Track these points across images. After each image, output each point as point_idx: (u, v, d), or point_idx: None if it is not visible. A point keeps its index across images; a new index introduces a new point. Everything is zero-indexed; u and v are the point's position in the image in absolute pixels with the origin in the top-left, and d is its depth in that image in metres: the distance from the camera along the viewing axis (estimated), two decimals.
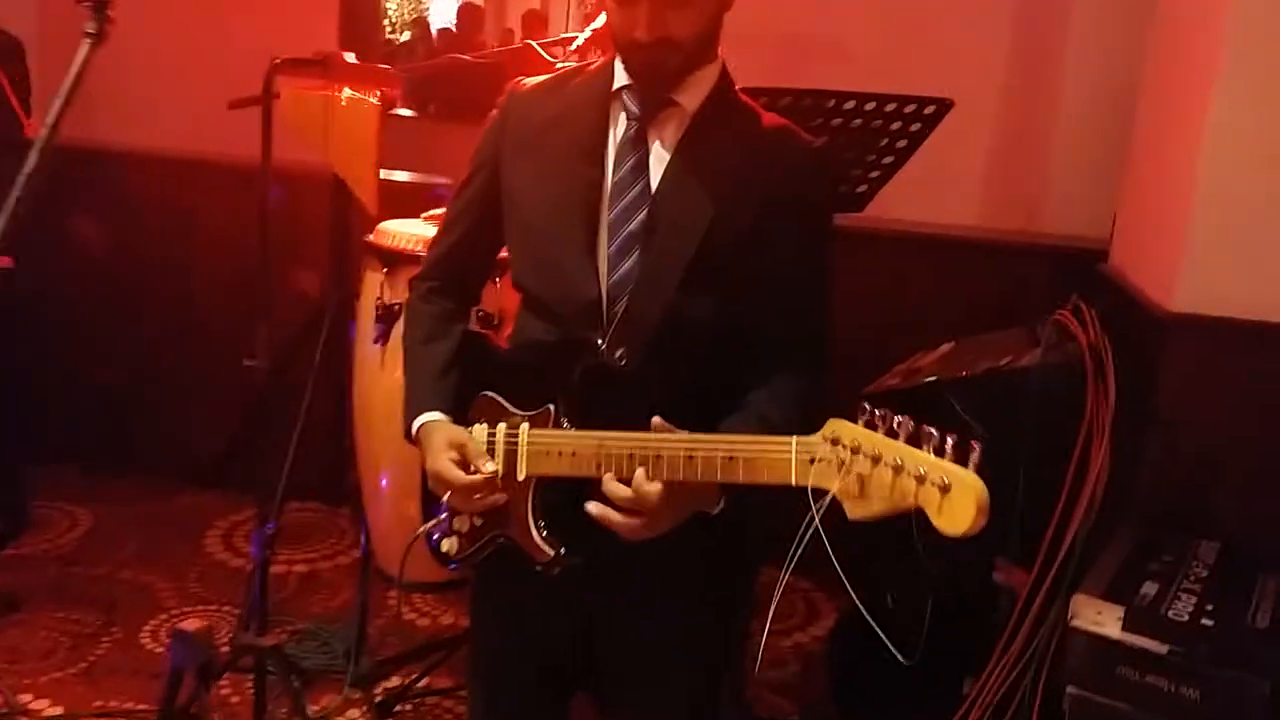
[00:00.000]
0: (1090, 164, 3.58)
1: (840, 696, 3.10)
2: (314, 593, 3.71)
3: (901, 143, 2.37)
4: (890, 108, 2.37)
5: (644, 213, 1.61)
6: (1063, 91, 3.67)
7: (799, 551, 1.34)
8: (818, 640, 3.52)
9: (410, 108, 4.24)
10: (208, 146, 4.06)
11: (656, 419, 1.49)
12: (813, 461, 1.34)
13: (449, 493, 1.65)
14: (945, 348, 2.73)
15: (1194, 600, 2.14)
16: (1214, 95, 2.39)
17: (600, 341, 1.60)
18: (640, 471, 1.47)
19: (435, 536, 1.76)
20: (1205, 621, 2.07)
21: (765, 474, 1.38)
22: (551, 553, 1.61)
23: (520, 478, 1.64)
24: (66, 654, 3.22)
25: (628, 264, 1.61)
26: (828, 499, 1.31)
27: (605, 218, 1.64)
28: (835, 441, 1.33)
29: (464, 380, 1.75)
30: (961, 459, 1.21)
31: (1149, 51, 3.04)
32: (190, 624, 2.33)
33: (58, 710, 2.93)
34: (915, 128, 2.36)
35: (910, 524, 1.31)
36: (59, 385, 4.34)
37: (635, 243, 1.61)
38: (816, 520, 1.30)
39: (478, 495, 1.63)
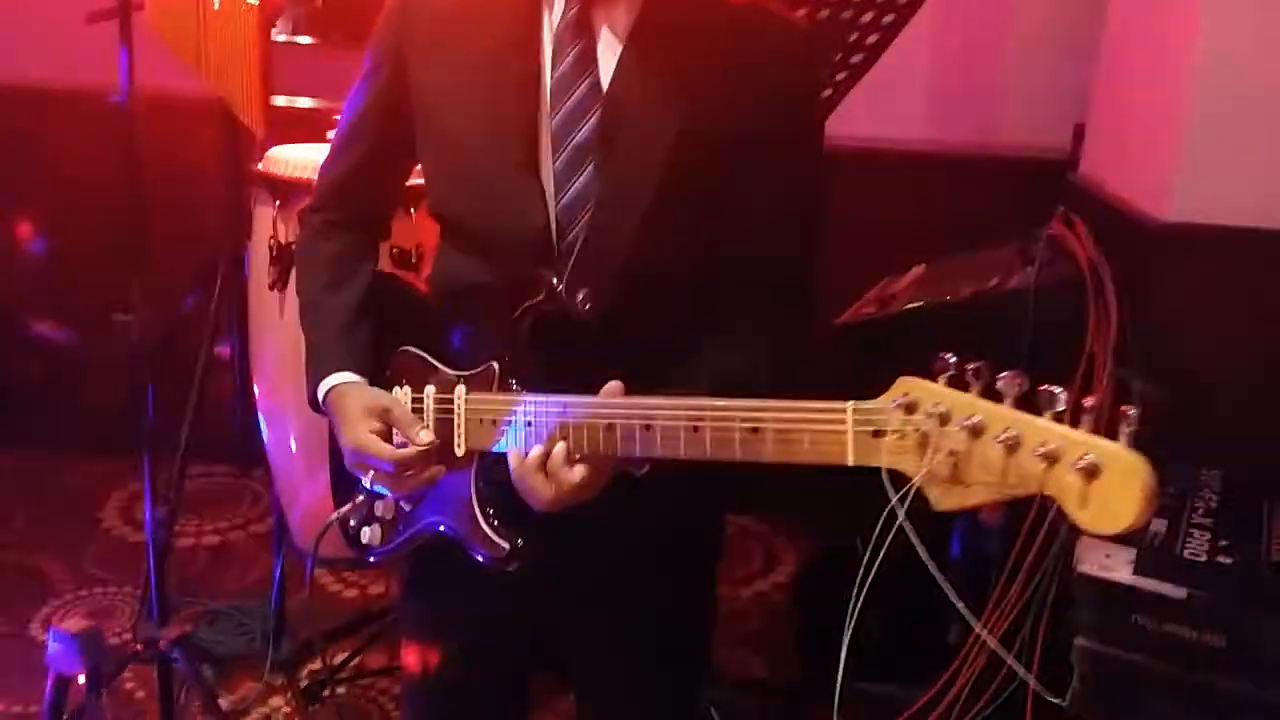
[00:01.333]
0: (1045, 64, 3.32)
1: (807, 648, 2.89)
2: (226, 568, 3.37)
3: (873, 38, 2.07)
4: None
5: (595, 116, 1.30)
6: None
7: (874, 563, 1.06)
8: (780, 588, 3.29)
9: (311, 35, 3.80)
10: (65, 74, 3.58)
11: (613, 384, 1.22)
12: (877, 435, 1.04)
13: (371, 472, 1.35)
14: (916, 271, 2.48)
15: (1207, 537, 1.99)
16: None
17: (556, 282, 1.29)
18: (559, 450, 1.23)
19: (353, 524, 1.46)
20: (1222, 560, 1.92)
21: (808, 450, 1.07)
22: (506, 546, 1.32)
23: (459, 453, 1.34)
24: None
25: (580, 181, 1.30)
26: (911, 489, 1.01)
27: (546, 124, 1.32)
28: (911, 409, 1.02)
29: (379, 333, 1.44)
30: (1108, 430, 0.90)
31: None
32: (73, 623, 2.00)
33: None
34: (889, 19, 2.06)
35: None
36: None
37: (588, 155, 1.30)
38: (901, 517, 1.00)
39: (409, 473, 1.33)
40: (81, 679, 2.01)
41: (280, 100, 2.94)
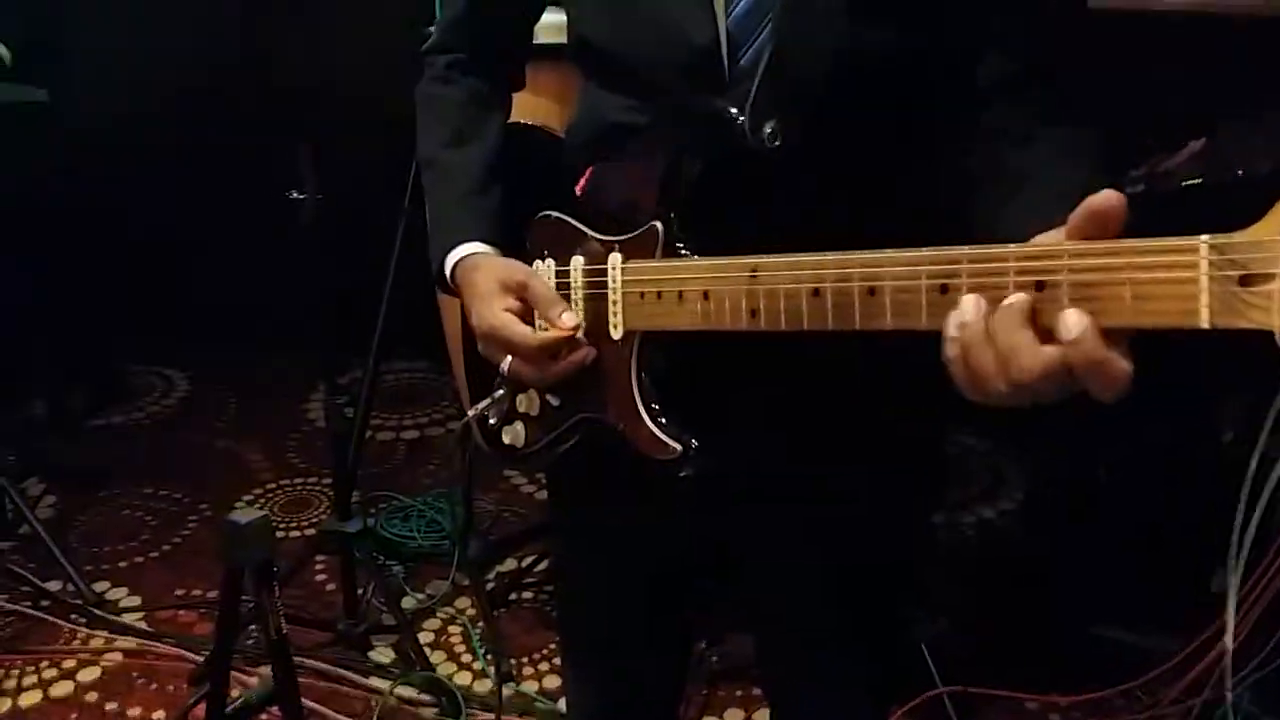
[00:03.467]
0: None
1: (1034, 584, 2.55)
2: (423, 463, 3.32)
3: None
4: None
5: None
6: None
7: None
8: (1006, 516, 2.94)
9: None
10: None
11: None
12: (1247, 281, 0.70)
13: (508, 358, 1.13)
14: (1195, 145, 2.05)
15: None
16: None
17: (735, 112, 1.02)
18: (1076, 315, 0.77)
19: (492, 422, 1.25)
20: None
21: (1129, 308, 0.74)
22: (676, 448, 1.07)
23: (616, 336, 1.11)
24: (152, 535, 2.92)
25: None
26: None
27: None
28: None
29: (514, 194, 1.21)
30: None
31: None
32: (243, 513, 1.90)
33: (135, 600, 2.63)
34: None
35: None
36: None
37: None
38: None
39: (552, 360, 1.11)
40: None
41: None
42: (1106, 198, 0.75)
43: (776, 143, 1.00)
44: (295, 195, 2.12)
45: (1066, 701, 2.24)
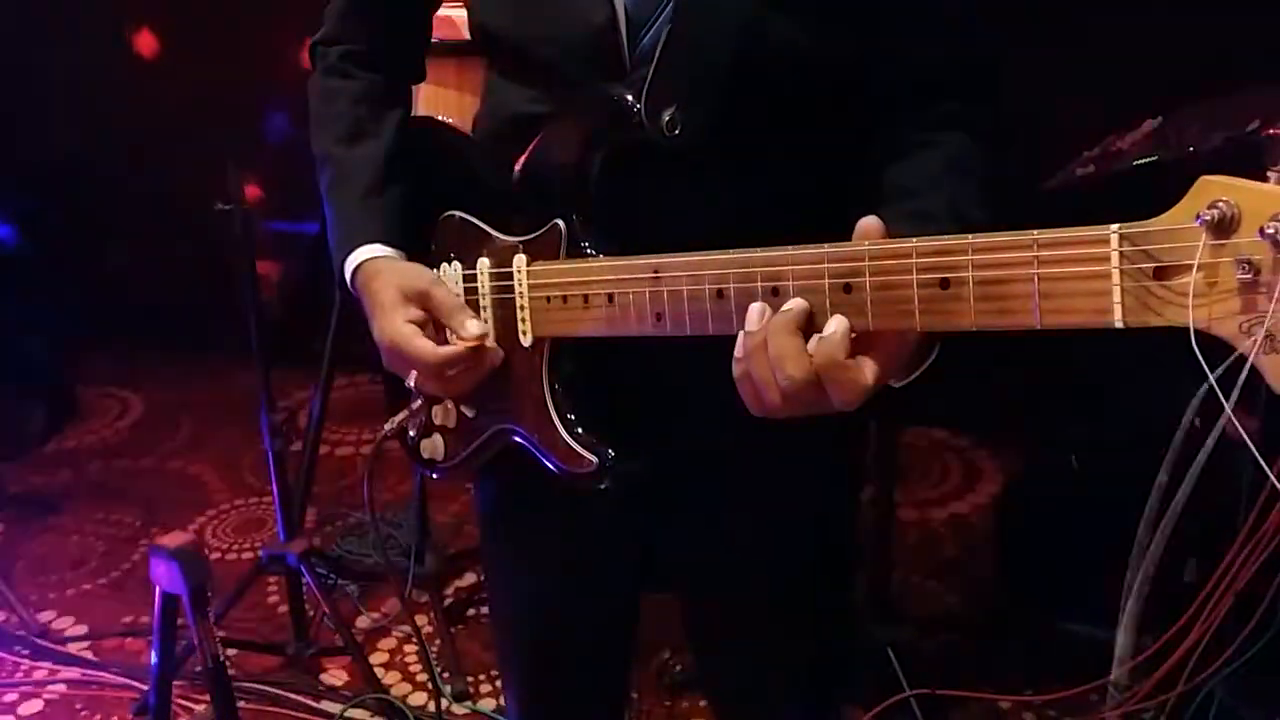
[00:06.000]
0: None
1: (1009, 579, 2.50)
2: (382, 478, 3.23)
3: None
4: None
5: None
6: None
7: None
8: (979, 511, 2.88)
9: None
10: None
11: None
12: (1161, 274, 0.65)
13: (413, 372, 1.06)
14: (1149, 125, 1.99)
15: None
16: None
17: (631, 99, 0.95)
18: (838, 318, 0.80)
19: (411, 434, 1.19)
20: None
21: (1031, 306, 0.70)
22: (593, 460, 1.01)
23: (526, 343, 1.04)
24: (100, 561, 2.84)
25: None
26: (1245, 368, 0.64)
27: None
28: (1224, 226, 0.63)
29: (415, 194, 1.14)
30: None
31: None
32: (173, 538, 1.83)
33: (81, 629, 2.55)
34: None
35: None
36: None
37: None
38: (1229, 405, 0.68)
39: (452, 372, 1.04)
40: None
41: None
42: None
43: (676, 131, 0.94)
44: (221, 207, 2.04)
45: (1040, 700, 2.18)
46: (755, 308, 0.82)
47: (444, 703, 2.25)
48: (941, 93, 0.96)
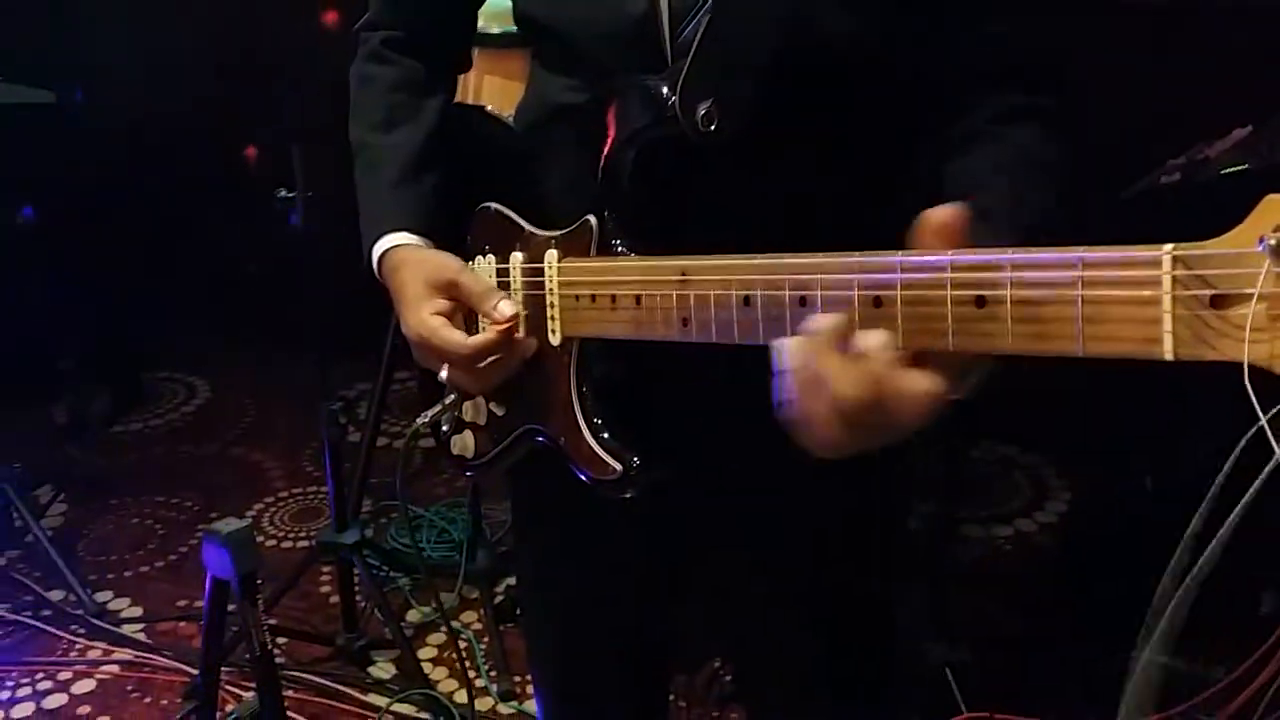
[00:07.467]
0: None
1: (1074, 602, 2.40)
2: (438, 473, 3.23)
3: None
4: None
5: None
6: None
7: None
8: (1047, 530, 2.78)
9: None
10: None
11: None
12: (1218, 302, 0.59)
13: (444, 365, 1.03)
14: (1240, 133, 1.90)
15: None
16: None
17: (666, 92, 0.91)
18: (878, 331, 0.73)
19: (445, 429, 1.16)
20: None
21: (1075, 334, 0.64)
22: (617, 468, 0.98)
23: (555, 342, 1.00)
24: (158, 545, 2.87)
25: None
26: None
27: None
28: None
29: (452, 184, 1.10)
30: None
31: None
32: (226, 523, 1.83)
33: (137, 611, 2.58)
34: None
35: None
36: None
37: None
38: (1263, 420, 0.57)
39: (483, 363, 1.00)
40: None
41: None
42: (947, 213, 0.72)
43: (711, 127, 0.89)
44: (284, 194, 2.04)
45: None
46: (792, 344, 0.74)
47: (490, 701, 2.22)
48: (1008, 84, 0.90)
